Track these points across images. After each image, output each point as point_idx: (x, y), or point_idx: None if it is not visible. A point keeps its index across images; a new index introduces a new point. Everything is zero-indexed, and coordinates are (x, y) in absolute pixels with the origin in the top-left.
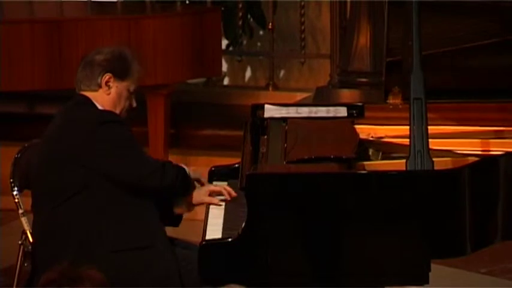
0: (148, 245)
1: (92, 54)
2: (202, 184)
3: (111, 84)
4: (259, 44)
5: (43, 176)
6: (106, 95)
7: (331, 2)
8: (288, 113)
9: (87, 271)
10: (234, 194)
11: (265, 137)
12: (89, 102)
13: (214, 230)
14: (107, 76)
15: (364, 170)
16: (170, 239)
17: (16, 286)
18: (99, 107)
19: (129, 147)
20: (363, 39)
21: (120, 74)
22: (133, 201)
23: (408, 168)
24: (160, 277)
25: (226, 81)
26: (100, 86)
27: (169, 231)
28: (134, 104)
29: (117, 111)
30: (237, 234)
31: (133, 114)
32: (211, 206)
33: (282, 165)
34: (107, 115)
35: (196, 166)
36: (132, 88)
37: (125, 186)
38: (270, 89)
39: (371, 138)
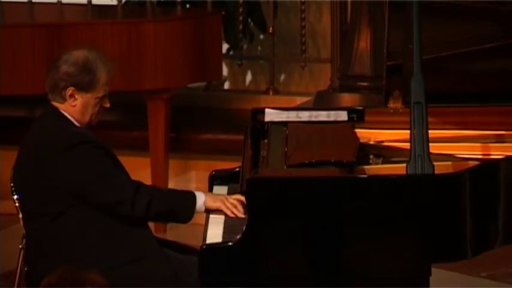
0: (139, 257)
1: (60, 61)
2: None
3: (76, 96)
4: (259, 48)
5: (24, 196)
6: (72, 107)
7: (331, 6)
8: (288, 117)
9: (88, 274)
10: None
11: (266, 141)
12: (58, 113)
13: (215, 234)
14: (70, 90)
15: (365, 174)
16: (168, 243)
17: None
18: (69, 117)
19: (99, 172)
20: (363, 43)
21: (84, 86)
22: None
23: (409, 173)
24: (157, 286)
25: (226, 86)
26: (65, 99)
27: (169, 235)
28: (107, 105)
29: (87, 119)
30: (237, 238)
31: (133, 118)
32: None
33: (282, 169)
34: (75, 137)
35: (197, 170)
36: (101, 94)
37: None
38: (271, 93)
39: (371, 143)
